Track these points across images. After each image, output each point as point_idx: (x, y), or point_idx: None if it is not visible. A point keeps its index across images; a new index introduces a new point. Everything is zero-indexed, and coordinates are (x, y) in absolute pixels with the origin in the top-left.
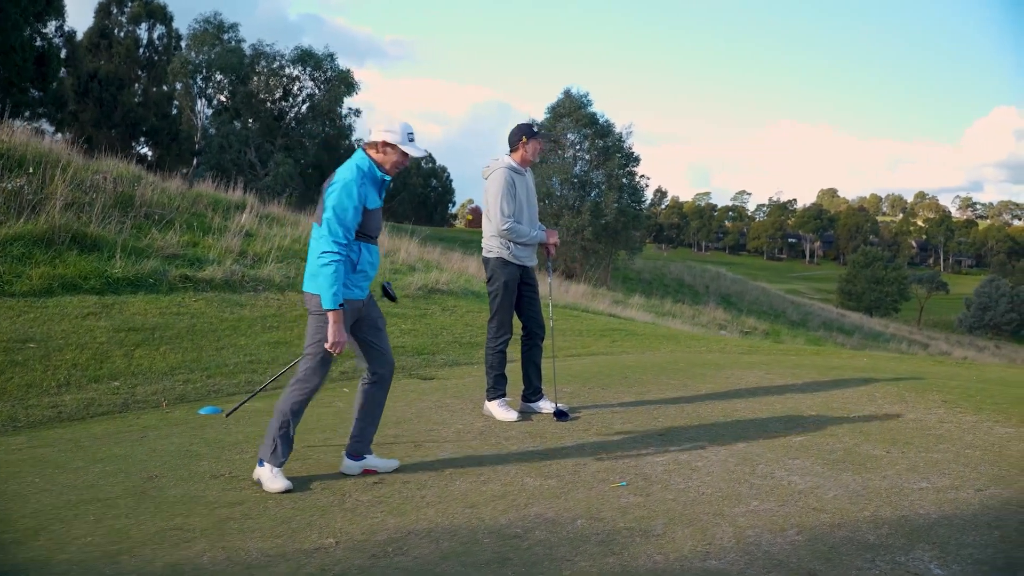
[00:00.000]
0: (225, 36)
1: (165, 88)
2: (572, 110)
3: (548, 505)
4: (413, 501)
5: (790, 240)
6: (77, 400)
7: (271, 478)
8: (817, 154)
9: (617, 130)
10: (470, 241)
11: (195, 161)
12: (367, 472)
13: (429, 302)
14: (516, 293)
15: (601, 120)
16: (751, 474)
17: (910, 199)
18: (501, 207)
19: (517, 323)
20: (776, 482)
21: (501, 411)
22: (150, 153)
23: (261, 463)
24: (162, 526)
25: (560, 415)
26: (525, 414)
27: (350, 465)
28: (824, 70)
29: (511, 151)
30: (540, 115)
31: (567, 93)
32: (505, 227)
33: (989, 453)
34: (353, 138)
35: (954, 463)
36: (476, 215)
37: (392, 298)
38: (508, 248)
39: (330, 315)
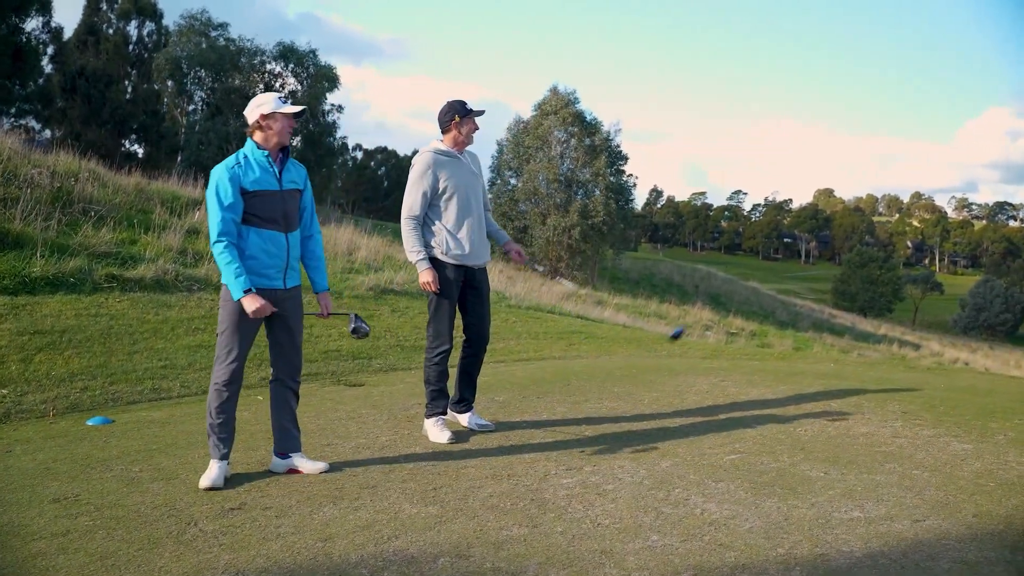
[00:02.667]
0: (213, 33)
1: (156, 86)
2: (559, 107)
3: (414, 539)
4: (263, 532)
5: (786, 240)
6: None
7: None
8: (814, 153)
9: (605, 128)
10: None
11: (179, 158)
12: (291, 471)
13: (379, 303)
14: (457, 297)
15: (588, 118)
16: (663, 500)
17: (906, 199)
18: (405, 199)
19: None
20: (688, 511)
21: (435, 430)
22: (140, 151)
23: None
24: None
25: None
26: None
27: (276, 463)
28: (821, 69)
29: (442, 133)
30: (528, 112)
31: (554, 90)
32: (403, 224)
33: (938, 475)
34: (337, 135)
35: (896, 487)
36: None
37: (357, 334)
38: (443, 245)
39: (243, 302)
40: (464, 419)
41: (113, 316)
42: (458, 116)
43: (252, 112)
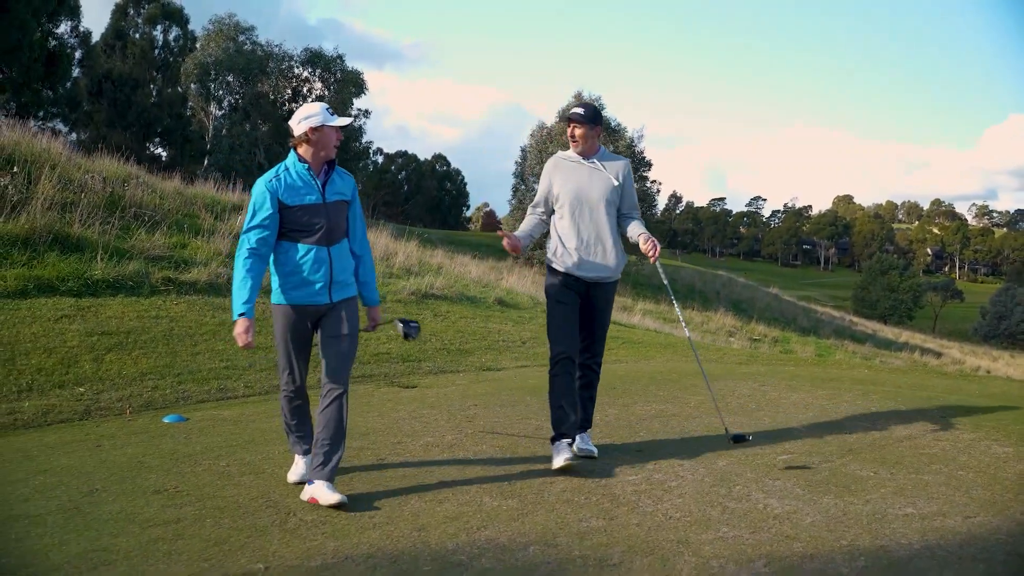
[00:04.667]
0: (240, 38)
1: (180, 89)
2: None
3: (502, 529)
4: (359, 522)
5: (805, 246)
6: (36, 406)
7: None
8: (833, 159)
9: (628, 134)
10: (479, 244)
11: (205, 161)
12: (312, 501)
13: (421, 307)
14: (573, 305)
15: (613, 124)
16: (726, 496)
17: (926, 206)
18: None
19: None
20: (751, 505)
21: (555, 453)
22: (164, 154)
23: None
24: (86, 547)
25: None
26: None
27: (304, 491)
28: (842, 74)
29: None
30: (551, 119)
31: (578, 96)
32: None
33: (983, 476)
34: (363, 140)
35: (944, 486)
36: (490, 219)
37: (407, 335)
38: (553, 251)
39: (235, 325)
40: (576, 444)
41: (172, 318)
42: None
43: (299, 124)
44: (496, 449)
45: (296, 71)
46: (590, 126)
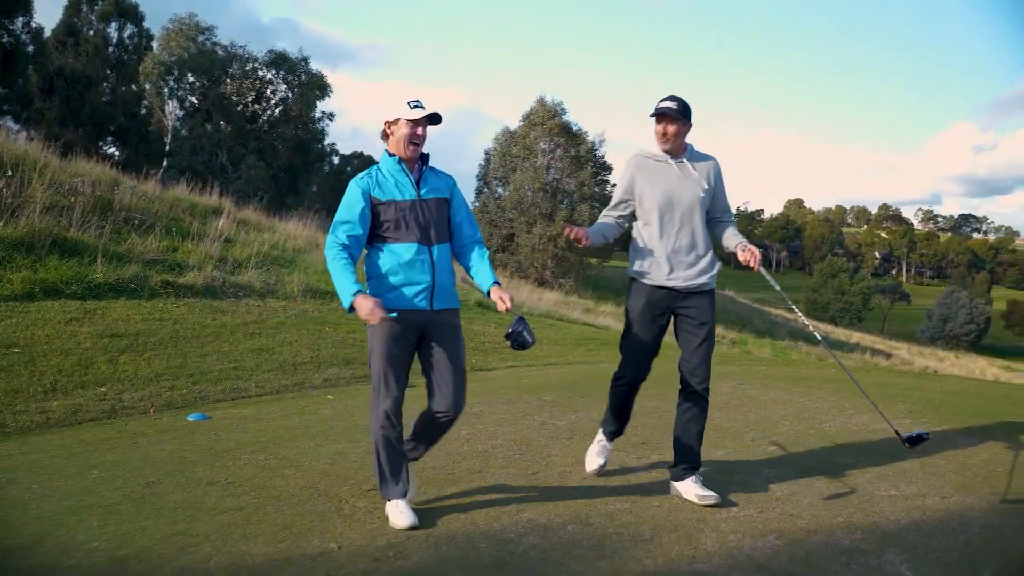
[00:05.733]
0: (200, 38)
1: (135, 88)
2: (546, 118)
3: (539, 511)
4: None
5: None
6: (65, 406)
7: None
8: (784, 164)
9: (590, 138)
10: None
11: (164, 163)
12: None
13: None
14: (657, 323)
15: (574, 128)
16: (730, 482)
17: (874, 210)
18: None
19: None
20: (754, 489)
21: (589, 452)
22: (117, 153)
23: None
24: (166, 532)
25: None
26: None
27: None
28: (794, 79)
29: None
30: (514, 122)
31: (541, 101)
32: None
33: (953, 463)
34: (326, 142)
35: (920, 472)
36: None
37: (516, 342)
38: (638, 262)
39: (356, 305)
40: (685, 488)
41: (176, 321)
42: (652, 117)
43: (383, 116)
44: (510, 443)
45: (260, 73)
46: (683, 122)
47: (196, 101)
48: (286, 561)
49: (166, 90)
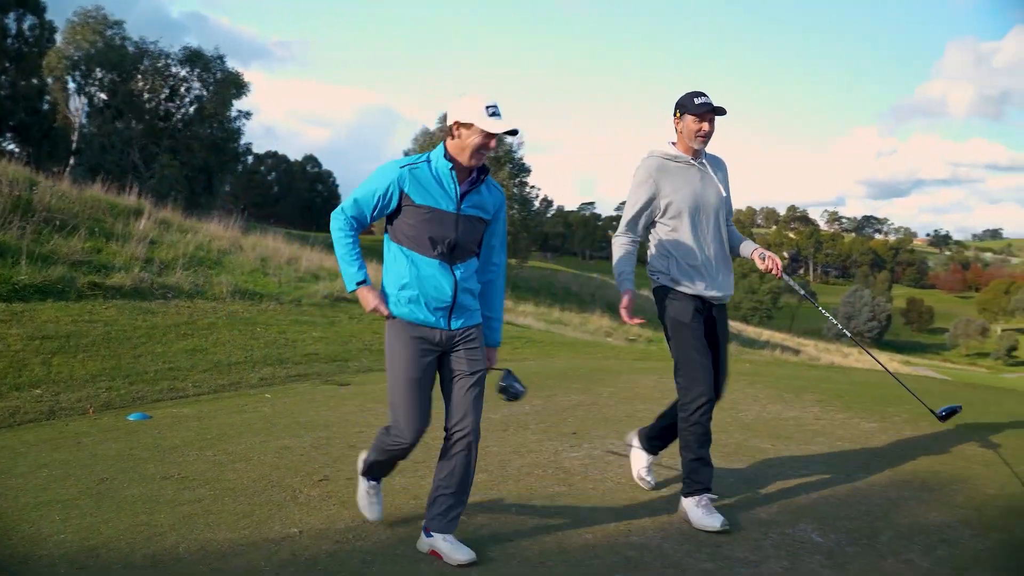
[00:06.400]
0: (109, 32)
1: (35, 82)
2: None
3: (484, 495)
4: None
5: None
6: (1, 408)
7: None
8: None
9: (508, 140)
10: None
11: (71, 161)
12: (432, 554)
13: (336, 310)
14: (703, 334)
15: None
16: (659, 465)
17: (783, 212)
18: (624, 213)
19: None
20: (680, 472)
21: (698, 512)
22: (17, 150)
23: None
24: (129, 523)
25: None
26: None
27: (420, 540)
28: (706, 78)
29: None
30: (433, 123)
31: None
32: (615, 238)
33: (856, 445)
34: (242, 141)
35: (828, 454)
36: None
37: (510, 395)
38: (672, 272)
39: (359, 296)
40: (642, 461)
41: (106, 322)
42: (679, 111)
43: (451, 112)
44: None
45: (173, 70)
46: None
47: (105, 97)
48: (251, 545)
49: (72, 85)
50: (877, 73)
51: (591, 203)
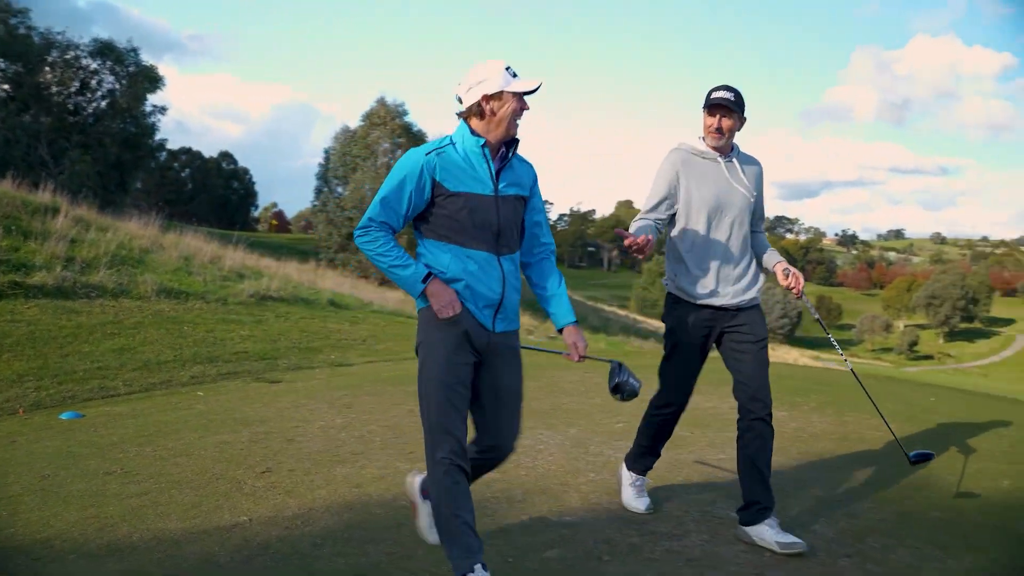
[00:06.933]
0: (12, 21)
1: None
2: (387, 119)
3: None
4: (304, 485)
5: (589, 249)
6: None
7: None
8: (615, 165)
9: (430, 138)
10: (280, 247)
11: None
12: None
13: (263, 308)
14: (702, 345)
15: (415, 129)
16: (585, 453)
17: None
18: (645, 202)
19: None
20: (607, 458)
21: (629, 492)
22: None
23: None
24: (78, 516)
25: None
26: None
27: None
28: (623, 81)
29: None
30: (354, 121)
31: (382, 101)
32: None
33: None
34: (157, 137)
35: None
36: (279, 220)
37: (621, 392)
38: (680, 279)
39: (429, 294)
40: (762, 533)
41: (30, 322)
42: (704, 108)
43: (470, 91)
44: (384, 428)
45: (84, 62)
46: (738, 115)
47: (9, 89)
48: (203, 533)
49: None
50: (788, 77)
51: None
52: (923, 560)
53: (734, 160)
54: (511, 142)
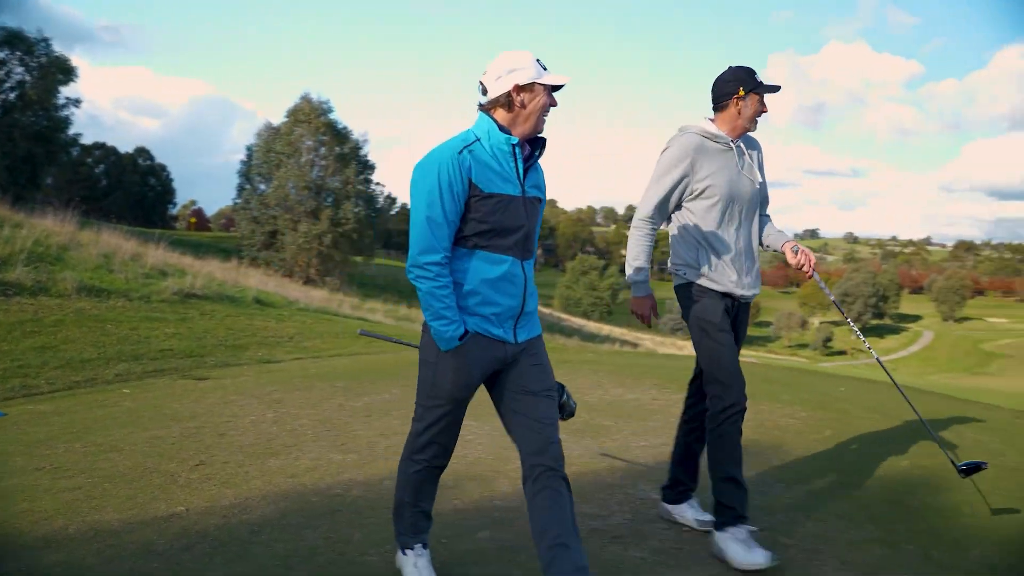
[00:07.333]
0: None
1: None
2: (312, 116)
3: (357, 472)
4: (239, 476)
5: None
6: None
7: None
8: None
9: (355, 136)
10: (200, 245)
11: None
12: None
13: (187, 306)
14: (733, 341)
15: (339, 127)
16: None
17: (621, 211)
18: (644, 192)
19: None
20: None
21: (738, 548)
22: None
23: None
24: (10, 511)
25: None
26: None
27: None
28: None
29: (715, 109)
30: (277, 118)
31: (306, 98)
32: (632, 225)
33: None
34: (70, 131)
35: (663, 428)
36: (199, 218)
37: (566, 413)
38: (703, 266)
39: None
40: (684, 512)
41: None
42: (743, 89)
43: (499, 80)
44: (315, 422)
45: None
46: None
47: None
48: (141, 524)
49: None
50: (708, 79)
51: None
52: (828, 531)
53: (741, 145)
54: (535, 141)
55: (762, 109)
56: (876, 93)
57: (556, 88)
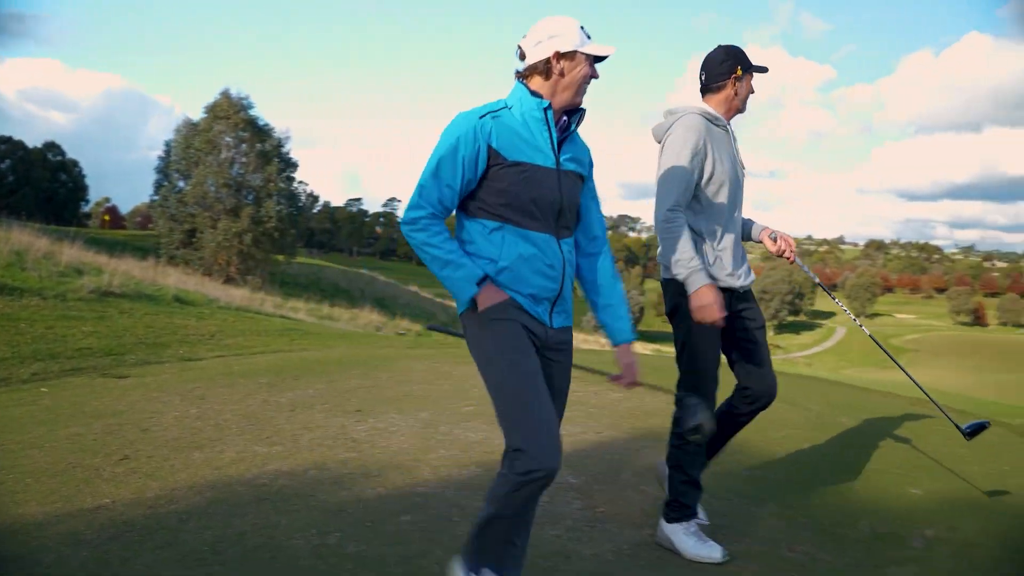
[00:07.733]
0: None
1: None
2: (231, 112)
3: (282, 463)
4: (164, 469)
5: None
6: None
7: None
8: None
9: (277, 134)
10: (116, 244)
11: None
12: None
13: (105, 305)
14: (720, 334)
15: (260, 123)
16: (435, 433)
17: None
18: (662, 183)
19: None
20: (455, 438)
21: (689, 541)
22: None
23: None
24: None
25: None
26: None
27: None
28: (484, 79)
29: (708, 91)
30: (196, 114)
31: (225, 94)
32: (662, 221)
33: (607, 410)
34: None
35: (584, 417)
36: (113, 215)
37: (700, 432)
38: (703, 257)
39: (480, 300)
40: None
41: None
42: (740, 69)
43: (539, 44)
44: (239, 417)
45: None
46: None
47: None
48: (67, 516)
49: None
50: (633, 81)
51: (358, 199)
52: (733, 509)
53: (732, 128)
54: (573, 111)
55: (753, 90)
56: (791, 96)
57: (599, 59)
